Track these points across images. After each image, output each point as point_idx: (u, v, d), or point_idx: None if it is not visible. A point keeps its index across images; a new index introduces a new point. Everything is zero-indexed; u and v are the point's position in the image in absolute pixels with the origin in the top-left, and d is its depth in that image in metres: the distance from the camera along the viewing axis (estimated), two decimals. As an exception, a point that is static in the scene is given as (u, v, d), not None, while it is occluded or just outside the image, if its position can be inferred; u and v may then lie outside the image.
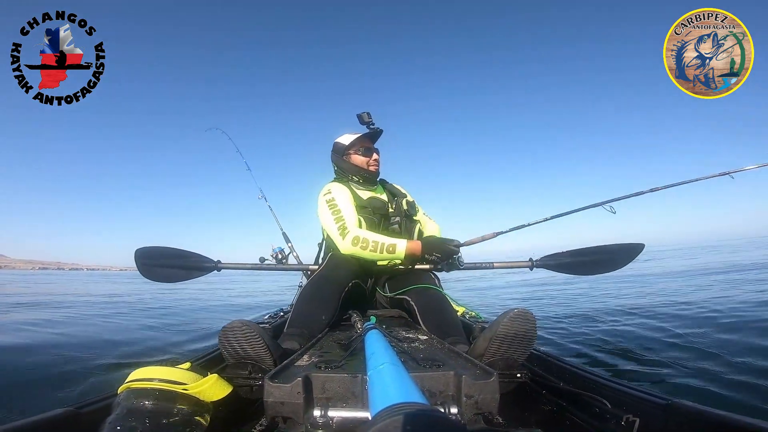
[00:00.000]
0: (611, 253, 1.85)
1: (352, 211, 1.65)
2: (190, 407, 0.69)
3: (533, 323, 0.97)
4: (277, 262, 2.26)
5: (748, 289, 3.40)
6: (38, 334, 2.57)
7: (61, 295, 6.85)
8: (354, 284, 1.53)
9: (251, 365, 0.95)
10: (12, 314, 3.85)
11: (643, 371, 1.62)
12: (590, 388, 0.87)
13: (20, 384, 1.60)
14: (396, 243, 1.48)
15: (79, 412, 0.69)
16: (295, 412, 0.70)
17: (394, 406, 0.39)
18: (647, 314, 2.63)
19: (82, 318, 3.65)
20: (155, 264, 1.91)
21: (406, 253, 1.48)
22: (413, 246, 1.49)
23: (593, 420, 0.80)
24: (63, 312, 4.08)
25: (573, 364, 1.06)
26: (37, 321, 3.16)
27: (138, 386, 0.67)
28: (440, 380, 0.76)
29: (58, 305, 4.83)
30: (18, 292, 7.94)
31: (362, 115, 1.73)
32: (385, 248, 1.48)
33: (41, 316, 3.50)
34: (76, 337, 2.53)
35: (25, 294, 7.23)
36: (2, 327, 2.98)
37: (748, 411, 1.15)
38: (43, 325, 2.97)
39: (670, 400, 0.70)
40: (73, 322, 3.35)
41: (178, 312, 4.24)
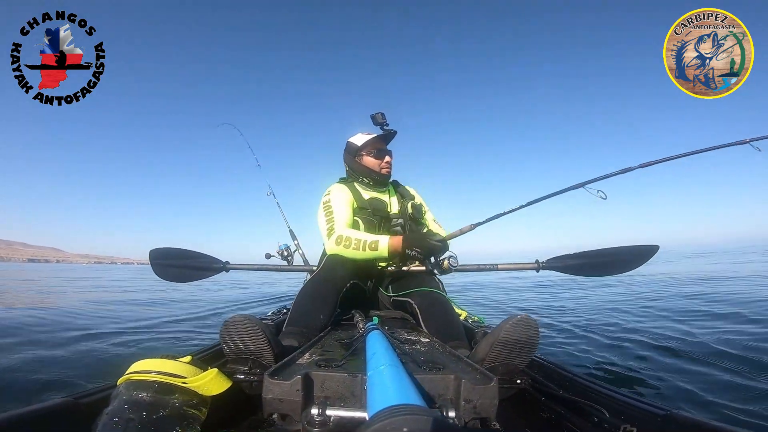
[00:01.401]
0: (622, 255, 1.76)
1: (345, 212, 1.65)
2: (189, 400, 0.69)
3: (536, 330, 0.96)
4: (283, 258, 2.30)
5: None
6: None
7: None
8: (352, 285, 1.53)
9: (251, 361, 0.95)
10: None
11: (643, 380, 1.61)
12: (589, 397, 0.87)
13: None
14: (378, 239, 1.48)
15: (77, 402, 0.70)
16: (293, 410, 0.70)
17: (392, 407, 0.39)
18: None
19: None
20: (168, 264, 2.01)
21: (388, 249, 1.46)
22: (395, 242, 1.47)
23: (591, 429, 0.80)
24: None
25: (573, 371, 1.05)
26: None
27: (137, 378, 0.68)
28: (440, 383, 0.76)
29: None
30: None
31: (376, 116, 1.70)
32: (367, 245, 1.48)
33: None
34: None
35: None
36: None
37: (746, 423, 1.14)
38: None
39: (668, 410, 0.69)
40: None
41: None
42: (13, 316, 2.97)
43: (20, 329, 2.50)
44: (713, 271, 6.82)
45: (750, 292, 3.61)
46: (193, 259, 2.04)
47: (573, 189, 1.56)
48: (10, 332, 2.37)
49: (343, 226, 1.59)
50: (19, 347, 2.05)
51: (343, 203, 1.68)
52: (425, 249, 1.45)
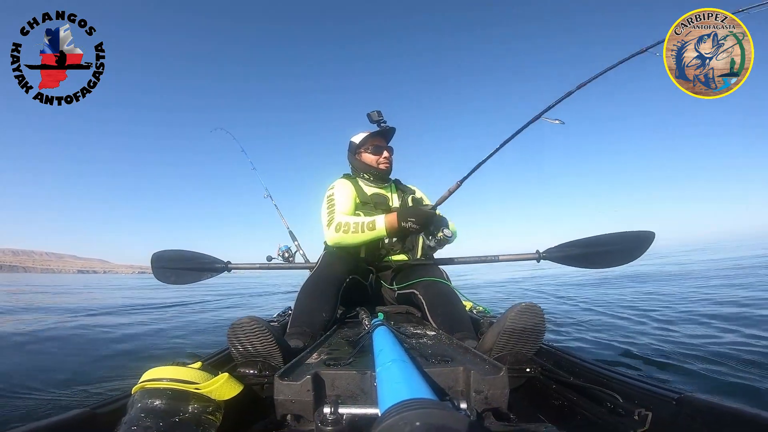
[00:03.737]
0: (621, 243, 1.76)
1: (347, 203, 1.67)
2: (202, 406, 0.70)
3: (541, 317, 0.96)
4: (284, 260, 2.31)
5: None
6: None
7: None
8: (352, 280, 1.54)
9: (260, 363, 0.95)
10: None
11: (655, 364, 1.60)
12: (601, 383, 0.87)
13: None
14: (375, 219, 1.49)
15: (95, 413, 0.71)
16: (305, 410, 0.70)
17: (402, 402, 0.39)
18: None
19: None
20: (169, 267, 2.02)
21: (386, 226, 1.47)
22: (390, 218, 1.47)
23: (605, 415, 0.80)
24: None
25: (583, 358, 1.05)
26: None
27: (151, 386, 0.68)
28: (449, 376, 0.76)
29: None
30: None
31: (372, 114, 1.74)
32: (365, 226, 1.48)
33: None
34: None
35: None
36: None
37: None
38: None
39: (681, 393, 0.69)
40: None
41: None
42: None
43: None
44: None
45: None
46: (194, 261, 2.07)
47: (534, 121, 1.53)
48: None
49: (342, 215, 1.60)
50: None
51: (346, 195, 1.71)
52: (420, 218, 1.44)
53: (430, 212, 1.45)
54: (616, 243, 1.77)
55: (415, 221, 1.43)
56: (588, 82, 1.51)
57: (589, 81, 1.51)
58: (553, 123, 1.49)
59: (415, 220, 1.43)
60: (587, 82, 1.52)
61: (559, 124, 1.48)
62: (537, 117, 1.53)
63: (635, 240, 1.75)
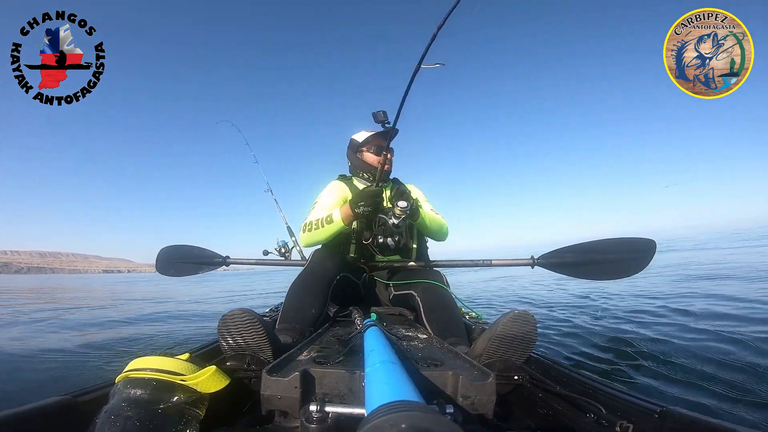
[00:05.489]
0: (619, 251, 1.66)
1: (332, 205, 1.67)
2: (187, 398, 0.69)
3: (533, 325, 0.97)
4: (281, 255, 2.34)
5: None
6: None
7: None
8: (343, 277, 1.54)
9: (249, 357, 0.95)
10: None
11: (640, 375, 1.61)
12: (586, 393, 0.87)
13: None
14: (332, 212, 1.53)
15: (75, 400, 0.69)
16: (291, 407, 0.70)
17: (389, 404, 0.39)
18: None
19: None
20: (172, 260, 2.24)
21: (341, 216, 1.50)
22: (345, 208, 1.51)
23: (589, 425, 0.80)
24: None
25: (570, 368, 1.05)
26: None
27: (135, 376, 0.68)
28: (437, 379, 0.76)
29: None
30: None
31: (377, 114, 1.72)
32: (324, 221, 1.53)
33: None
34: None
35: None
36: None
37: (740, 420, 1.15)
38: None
39: (664, 406, 0.70)
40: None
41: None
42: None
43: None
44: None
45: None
46: (195, 255, 2.24)
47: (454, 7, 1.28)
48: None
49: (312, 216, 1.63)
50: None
51: (332, 197, 1.72)
52: (368, 199, 1.44)
53: (376, 189, 1.46)
54: (614, 251, 1.68)
55: (365, 203, 1.44)
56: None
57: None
58: (433, 67, 1.34)
59: (364, 203, 1.44)
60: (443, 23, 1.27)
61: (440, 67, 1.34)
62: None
63: (634, 249, 1.65)
